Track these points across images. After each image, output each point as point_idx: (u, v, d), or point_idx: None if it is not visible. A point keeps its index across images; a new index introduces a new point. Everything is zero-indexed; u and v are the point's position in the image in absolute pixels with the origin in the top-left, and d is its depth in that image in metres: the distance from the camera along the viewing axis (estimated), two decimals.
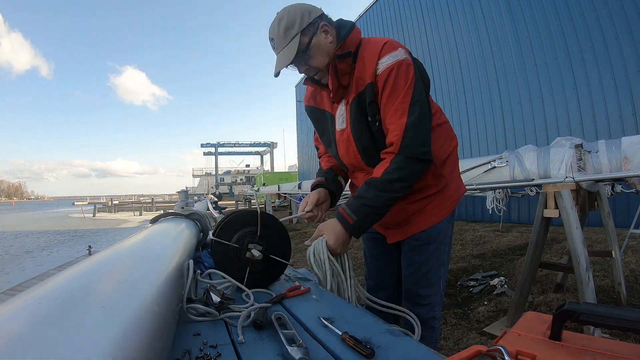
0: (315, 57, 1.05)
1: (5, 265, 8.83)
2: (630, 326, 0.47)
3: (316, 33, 1.04)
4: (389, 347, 0.66)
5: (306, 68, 1.08)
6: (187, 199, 1.87)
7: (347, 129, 1.11)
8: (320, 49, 1.05)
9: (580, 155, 2.10)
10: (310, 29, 1.03)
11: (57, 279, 0.49)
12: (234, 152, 38.14)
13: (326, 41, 1.05)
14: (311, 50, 1.04)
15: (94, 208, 33.66)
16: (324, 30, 1.05)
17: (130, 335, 0.40)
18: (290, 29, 1.02)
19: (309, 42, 1.03)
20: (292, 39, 1.02)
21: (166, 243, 1.02)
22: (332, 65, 1.04)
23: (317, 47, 1.04)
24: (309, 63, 1.06)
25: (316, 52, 1.05)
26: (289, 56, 1.02)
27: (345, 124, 1.11)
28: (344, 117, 1.11)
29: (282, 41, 1.03)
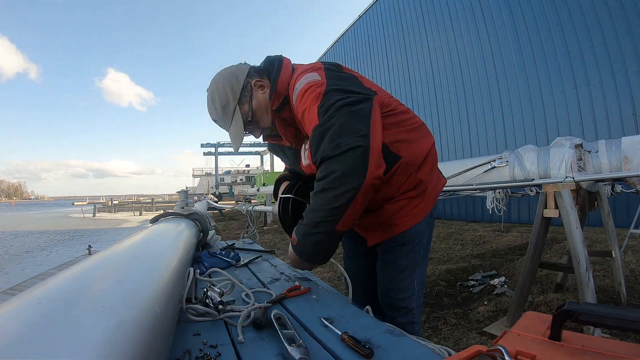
0: (262, 118, 1.02)
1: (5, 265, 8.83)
2: (630, 326, 0.46)
3: (252, 95, 1.00)
4: (389, 347, 0.66)
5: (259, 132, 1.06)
6: (187, 199, 1.88)
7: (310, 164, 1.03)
8: (263, 108, 1.01)
9: (580, 155, 2.10)
10: (245, 94, 0.99)
11: (57, 279, 0.49)
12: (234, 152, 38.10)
13: (265, 96, 1.00)
14: (256, 114, 1.00)
15: (94, 208, 33.66)
16: (259, 86, 1.01)
17: (130, 335, 0.40)
18: (226, 105, 0.99)
19: (250, 106, 0.99)
20: (233, 113, 0.99)
21: (166, 243, 1.02)
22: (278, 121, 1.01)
23: (259, 108, 1.00)
24: (260, 126, 1.03)
25: (261, 113, 1.01)
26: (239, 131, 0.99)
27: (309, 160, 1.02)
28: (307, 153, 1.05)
29: (225, 120, 1.00)
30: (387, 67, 11.30)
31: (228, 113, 0.99)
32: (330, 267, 4.23)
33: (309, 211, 0.89)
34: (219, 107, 0.99)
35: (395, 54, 10.88)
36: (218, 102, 0.99)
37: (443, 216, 8.94)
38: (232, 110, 0.99)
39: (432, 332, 2.38)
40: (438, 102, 9.19)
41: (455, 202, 8.54)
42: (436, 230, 6.62)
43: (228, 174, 37.52)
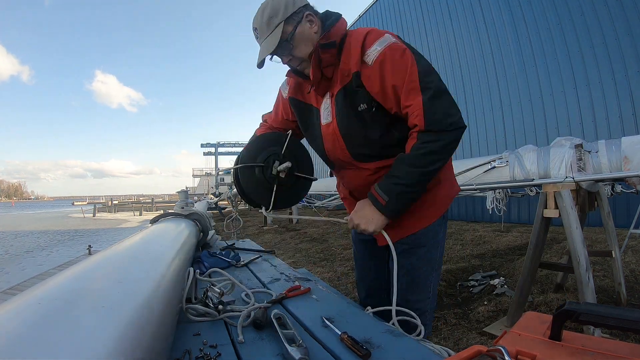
0: (299, 46, 1.01)
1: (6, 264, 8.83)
2: (630, 326, 0.46)
3: (300, 22, 1.00)
4: (389, 347, 0.66)
5: (289, 58, 1.04)
6: (187, 199, 1.88)
7: (333, 122, 1.06)
8: (304, 39, 1.01)
9: (580, 155, 2.10)
10: (294, 17, 1.00)
11: (57, 279, 0.49)
12: (234, 152, 38.14)
13: (311, 31, 1.02)
14: (295, 39, 1.00)
15: (94, 208, 33.65)
16: (309, 19, 1.02)
17: (130, 335, 0.40)
18: (273, 18, 0.99)
19: (293, 31, 1.00)
20: (275, 27, 0.99)
21: (166, 243, 1.02)
22: (315, 55, 1.00)
23: (301, 37, 1.01)
24: (292, 53, 1.02)
25: (300, 41, 1.01)
26: (272, 45, 0.98)
27: (330, 117, 1.07)
28: (329, 110, 1.07)
29: (265, 30, 1.00)
30: None
31: (271, 25, 0.99)
32: (330, 267, 4.23)
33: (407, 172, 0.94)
34: (266, 17, 0.99)
35: None
36: (268, 11, 0.99)
37: None
38: (275, 23, 0.99)
39: (432, 332, 2.39)
40: None
41: (455, 202, 8.52)
42: None
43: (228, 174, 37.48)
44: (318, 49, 1.00)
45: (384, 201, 0.97)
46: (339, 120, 1.05)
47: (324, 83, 1.06)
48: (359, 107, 1.00)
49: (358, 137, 1.05)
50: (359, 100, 1.00)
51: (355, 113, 1.01)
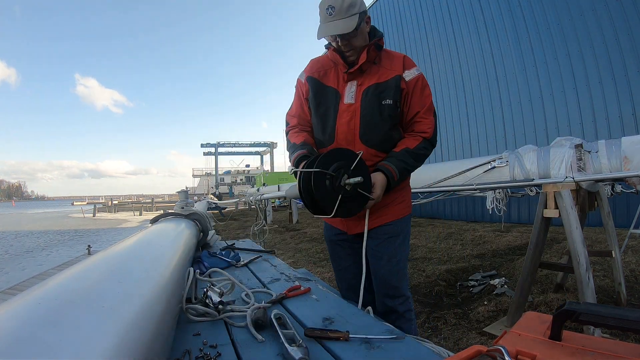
0: (357, 37, 1.22)
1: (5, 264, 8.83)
2: (630, 326, 0.46)
3: (364, 20, 1.23)
4: (389, 347, 0.66)
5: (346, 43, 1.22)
6: (187, 199, 1.88)
7: (356, 104, 1.27)
8: (362, 33, 1.24)
9: (580, 155, 2.10)
10: (363, 15, 1.22)
11: (57, 279, 0.49)
12: (234, 152, 38.13)
13: (366, 29, 1.25)
14: (359, 31, 1.21)
15: (94, 208, 33.63)
16: (367, 20, 1.26)
17: (130, 336, 0.40)
18: (353, 7, 1.18)
19: (359, 24, 1.19)
20: (352, 15, 1.18)
21: (166, 243, 1.02)
22: (369, 48, 1.24)
23: (362, 31, 1.23)
24: (351, 40, 1.22)
25: (360, 34, 1.23)
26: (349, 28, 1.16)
27: (354, 100, 1.27)
28: (354, 94, 1.28)
29: (343, 12, 1.17)
30: None
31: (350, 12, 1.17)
32: (330, 267, 4.24)
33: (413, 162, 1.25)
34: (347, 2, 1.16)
35: None
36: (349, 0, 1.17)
37: (443, 216, 8.95)
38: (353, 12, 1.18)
39: (432, 332, 2.38)
40: (438, 102, 9.19)
41: (455, 202, 8.54)
42: (436, 230, 6.62)
43: (228, 174, 37.50)
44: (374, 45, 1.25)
45: (396, 177, 1.22)
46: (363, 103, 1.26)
47: (357, 72, 1.27)
48: (384, 101, 1.25)
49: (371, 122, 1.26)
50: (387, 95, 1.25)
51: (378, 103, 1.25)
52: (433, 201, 6.06)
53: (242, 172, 38.26)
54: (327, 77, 1.33)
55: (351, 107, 1.27)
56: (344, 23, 1.17)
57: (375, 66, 1.27)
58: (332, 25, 1.18)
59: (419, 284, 3.39)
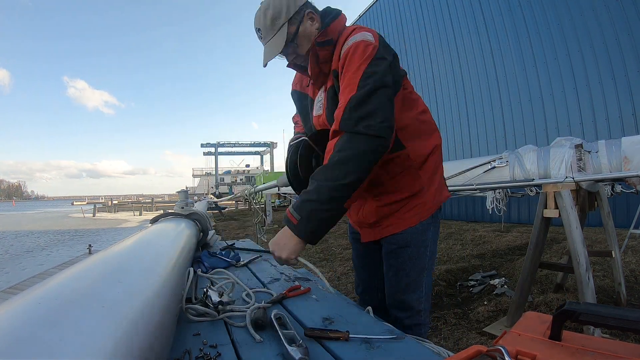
0: (303, 45, 1.04)
1: (6, 264, 8.83)
2: (630, 326, 0.46)
3: (302, 21, 1.03)
4: (389, 347, 0.66)
5: (294, 56, 1.08)
6: (187, 199, 1.88)
7: (323, 115, 1.07)
8: (307, 37, 1.04)
9: (580, 155, 2.10)
10: (296, 17, 1.02)
11: (57, 279, 0.49)
12: (234, 152, 38.12)
13: (312, 28, 1.04)
14: (299, 38, 1.03)
15: (94, 208, 33.62)
16: (310, 17, 1.04)
17: (130, 335, 0.40)
18: (277, 19, 1.01)
19: (296, 30, 1.02)
20: (279, 28, 1.01)
21: (166, 243, 1.02)
22: (313, 52, 1.02)
23: (304, 35, 1.03)
24: (296, 51, 1.05)
25: (303, 40, 1.03)
26: (278, 46, 1.01)
27: (321, 111, 1.08)
28: (321, 103, 1.08)
29: (269, 32, 1.02)
30: None
31: (275, 26, 1.01)
32: (330, 267, 4.23)
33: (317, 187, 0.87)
34: (269, 18, 1.01)
35: None
36: (271, 12, 1.01)
37: (443, 216, 8.93)
38: (280, 25, 1.01)
39: (432, 332, 2.38)
40: (438, 102, 9.19)
41: (455, 202, 8.54)
42: None
43: (228, 174, 37.49)
44: (314, 46, 1.01)
45: (295, 220, 0.90)
46: (327, 113, 1.04)
47: (321, 77, 1.07)
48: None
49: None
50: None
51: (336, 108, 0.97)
52: None
53: (242, 172, 38.25)
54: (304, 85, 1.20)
55: (320, 119, 1.09)
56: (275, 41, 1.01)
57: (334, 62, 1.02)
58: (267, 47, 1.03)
59: None
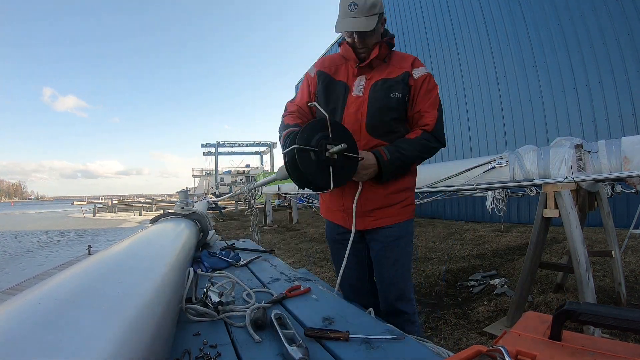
0: (373, 37, 1.26)
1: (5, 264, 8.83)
2: (630, 326, 0.46)
3: (380, 21, 1.26)
4: (389, 347, 0.66)
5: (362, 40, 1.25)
6: (187, 199, 1.88)
7: (364, 96, 1.29)
8: (377, 33, 1.27)
9: (580, 155, 2.10)
10: (381, 16, 1.26)
11: (57, 279, 0.49)
12: (234, 152, 38.13)
13: (381, 30, 1.29)
14: (375, 30, 1.24)
15: (94, 208, 33.63)
16: (383, 22, 1.30)
17: (130, 335, 0.40)
18: (374, 7, 1.21)
19: (377, 24, 1.23)
20: (373, 14, 1.21)
21: (166, 243, 1.02)
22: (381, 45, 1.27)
23: (378, 31, 1.27)
24: (366, 39, 1.25)
25: (376, 33, 1.26)
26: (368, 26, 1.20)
27: (362, 92, 1.30)
28: (362, 87, 1.31)
29: (364, 11, 1.20)
30: None
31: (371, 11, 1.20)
32: (330, 267, 4.23)
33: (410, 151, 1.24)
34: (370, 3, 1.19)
35: None
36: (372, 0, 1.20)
37: (443, 216, 8.95)
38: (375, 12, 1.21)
39: (432, 332, 2.38)
40: None
41: (455, 202, 8.54)
42: (436, 230, 6.62)
43: (228, 174, 37.50)
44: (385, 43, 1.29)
45: (386, 157, 1.20)
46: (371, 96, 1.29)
47: (367, 67, 1.30)
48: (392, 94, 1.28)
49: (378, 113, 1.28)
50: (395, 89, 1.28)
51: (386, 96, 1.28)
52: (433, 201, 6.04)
53: (242, 172, 38.25)
54: (337, 72, 1.36)
55: (359, 99, 1.30)
56: (365, 21, 1.19)
57: (384, 64, 1.31)
58: (353, 21, 1.20)
59: (419, 284, 3.39)
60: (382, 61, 1.31)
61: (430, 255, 4.59)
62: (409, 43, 10.22)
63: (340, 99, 1.33)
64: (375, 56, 1.27)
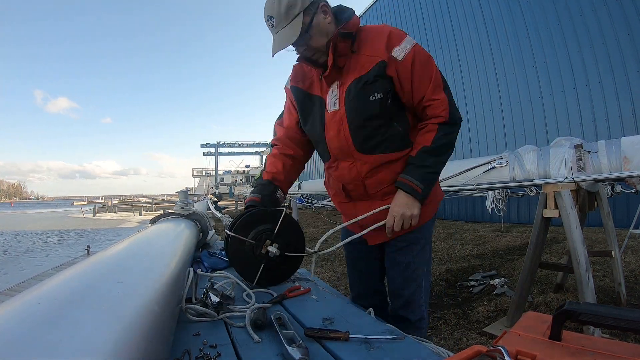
0: (315, 37, 1.03)
1: (5, 265, 8.83)
2: (630, 326, 0.46)
3: (316, 12, 1.02)
4: (389, 347, 0.66)
5: (304, 48, 1.05)
6: (186, 199, 1.88)
7: (341, 110, 1.09)
8: (320, 29, 1.03)
9: (580, 155, 2.10)
10: (311, 8, 1.01)
11: (56, 279, 0.49)
12: (234, 152, 38.13)
13: (325, 21, 1.04)
14: (312, 30, 1.02)
15: (94, 208, 33.63)
16: (324, 10, 1.04)
17: (130, 335, 0.40)
18: (292, 8, 0.98)
19: (310, 21, 1.01)
20: (294, 17, 0.99)
21: (166, 243, 1.02)
22: (333, 42, 1.02)
23: (318, 27, 1.02)
24: (308, 43, 1.03)
25: (316, 32, 1.02)
26: (292, 36, 0.99)
27: (338, 106, 1.09)
28: (337, 98, 1.09)
29: (283, 20, 0.99)
30: None
31: (290, 15, 0.99)
32: (330, 267, 4.23)
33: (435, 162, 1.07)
34: (284, 7, 0.98)
35: None
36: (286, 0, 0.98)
37: (443, 216, 8.95)
38: (294, 14, 0.99)
39: (432, 332, 2.38)
40: None
41: (455, 202, 8.54)
42: (436, 230, 6.62)
43: (228, 174, 37.49)
44: (337, 36, 1.02)
45: (420, 189, 1.05)
46: (347, 107, 1.07)
47: (334, 72, 1.08)
48: (372, 97, 1.04)
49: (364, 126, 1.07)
50: (375, 89, 1.04)
51: (365, 101, 1.05)
52: None
53: (242, 172, 38.23)
54: (312, 86, 1.16)
55: (336, 115, 1.09)
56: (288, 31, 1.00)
57: (354, 55, 1.06)
58: (278, 37, 1.01)
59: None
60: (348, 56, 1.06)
61: None
62: None
63: (317, 119, 1.15)
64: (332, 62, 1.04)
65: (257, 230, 1.07)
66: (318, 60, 1.08)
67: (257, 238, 1.07)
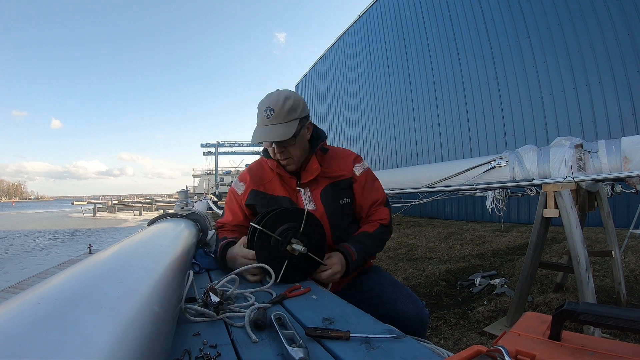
0: (297, 145, 1.18)
1: (5, 264, 8.83)
2: (630, 326, 0.47)
3: (304, 126, 1.19)
4: (389, 347, 0.66)
5: (282, 151, 1.17)
6: (186, 199, 1.88)
7: (320, 209, 1.25)
8: (302, 141, 1.20)
9: (580, 155, 2.10)
10: (304, 120, 1.18)
11: (57, 279, 0.49)
12: (234, 152, 38.11)
13: (306, 137, 1.22)
14: (298, 138, 1.16)
15: (94, 207, 33.66)
16: (308, 127, 1.23)
17: (130, 335, 0.40)
18: (294, 111, 1.13)
19: (299, 131, 1.16)
20: (292, 120, 1.13)
21: (166, 243, 1.02)
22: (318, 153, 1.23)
23: (301, 138, 1.19)
24: (288, 148, 1.17)
25: (299, 141, 1.19)
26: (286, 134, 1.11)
27: (315, 205, 1.25)
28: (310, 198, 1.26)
29: (281, 117, 1.11)
30: (387, 67, 11.29)
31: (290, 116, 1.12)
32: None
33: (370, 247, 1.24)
34: (287, 107, 1.11)
35: (394, 54, 10.88)
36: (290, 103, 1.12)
37: (443, 216, 8.95)
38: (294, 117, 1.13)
39: (432, 332, 2.38)
40: (438, 102, 9.19)
41: (455, 202, 8.54)
42: (436, 230, 6.62)
43: (228, 174, 37.48)
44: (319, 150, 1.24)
45: (354, 258, 1.18)
46: (326, 208, 1.25)
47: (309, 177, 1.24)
48: (341, 201, 1.26)
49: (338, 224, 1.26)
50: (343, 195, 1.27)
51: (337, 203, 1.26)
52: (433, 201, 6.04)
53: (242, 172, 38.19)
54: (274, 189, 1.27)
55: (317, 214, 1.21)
56: (282, 128, 1.10)
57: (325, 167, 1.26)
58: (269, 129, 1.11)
59: (419, 284, 3.39)
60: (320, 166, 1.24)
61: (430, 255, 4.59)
62: (409, 43, 10.22)
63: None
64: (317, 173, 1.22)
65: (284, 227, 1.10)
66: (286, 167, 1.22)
67: (283, 235, 1.10)
